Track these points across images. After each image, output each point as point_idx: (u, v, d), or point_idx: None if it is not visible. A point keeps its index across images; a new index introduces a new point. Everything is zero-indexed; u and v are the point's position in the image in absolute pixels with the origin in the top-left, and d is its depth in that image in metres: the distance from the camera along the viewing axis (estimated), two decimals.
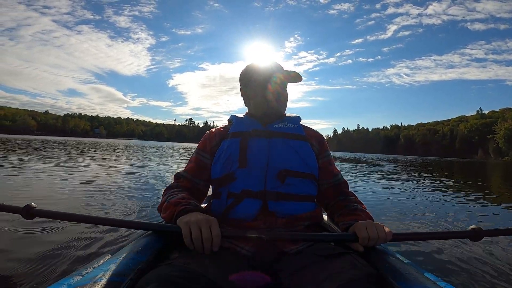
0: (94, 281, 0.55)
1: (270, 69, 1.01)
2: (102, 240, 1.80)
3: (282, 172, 0.91)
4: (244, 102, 1.11)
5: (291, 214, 0.89)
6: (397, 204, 3.75)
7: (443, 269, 1.66)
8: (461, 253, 1.88)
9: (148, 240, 0.77)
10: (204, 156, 1.00)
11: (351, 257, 0.70)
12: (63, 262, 1.48)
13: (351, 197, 1.01)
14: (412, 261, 0.80)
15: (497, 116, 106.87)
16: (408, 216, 3.05)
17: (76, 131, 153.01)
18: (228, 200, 0.90)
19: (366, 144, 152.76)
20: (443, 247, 1.96)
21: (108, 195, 3.32)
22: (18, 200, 2.88)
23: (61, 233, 1.88)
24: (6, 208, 0.93)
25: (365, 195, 4.37)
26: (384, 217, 2.94)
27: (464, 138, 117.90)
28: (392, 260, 0.73)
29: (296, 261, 0.77)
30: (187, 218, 0.73)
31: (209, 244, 0.70)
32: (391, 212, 3.20)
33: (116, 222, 0.84)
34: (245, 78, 1.06)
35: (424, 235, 0.95)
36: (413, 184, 6.29)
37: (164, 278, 0.56)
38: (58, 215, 0.86)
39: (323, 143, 1.06)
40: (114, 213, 2.60)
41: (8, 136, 43.00)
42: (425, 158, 50.16)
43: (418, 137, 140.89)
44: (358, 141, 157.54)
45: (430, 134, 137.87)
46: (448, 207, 3.69)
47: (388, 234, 0.79)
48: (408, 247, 1.94)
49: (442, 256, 1.84)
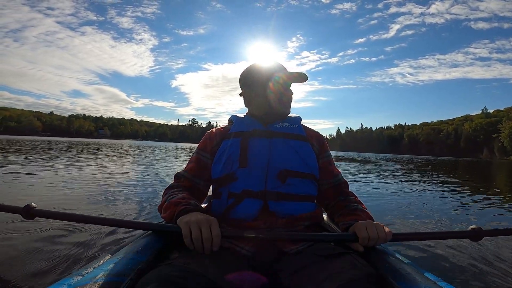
0: (94, 281, 0.55)
1: (272, 69, 1.01)
2: (102, 240, 1.81)
3: (282, 172, 0.90)
4: (244, 102, 1.10)
5: (291, 214, 0.89)
6: (398, 204, 3.74)
7: (443, 269, 1.66)
8: (461, 253, 1.88)
9: (148, 240, 0.77)
10: (205, 156, 1.00)
11: (351, 257, 0.70)
12: (63, 262, 1.48)
13: (351, 197, 1.01)
14: (412, 261, 0.79)
15: (502, 115, 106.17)
16: (410, 216, 3.05)
17: (81, 131, 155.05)
18: (229, 200, 0.90)
19: (370, 143, 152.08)
20: (443, 247, 1.96)
21: (110, 195, 3.34)
22: (25, 201, 2.90)
23: (61, 233, 1.89)
24: (6, 208, 0.93)
25: (368, 195, 4.36)
26: (385, 217, 2.94)
27: (469, 137, 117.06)
28: (392, 260, 0.73)
29: (296, 261, 0.77)
30: (187, 218, 0.73)
31: (209, 244, 0.70)
32: (392, 212, 3.20)
33: (116, 222, 0.84)
34: (247, 79, 1.06)
35: (424, 235, 0.99)
36: (416, 183, 6.26)
37: (164, 278, 0.56)
38: (58, 215, 0.85)
39: (323, 144, 1.06)
40: (115, 213, 2.61)
41: (16, 137, 43.46)
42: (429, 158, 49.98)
43: (422, 136, 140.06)
44: (361, 141, 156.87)
45: (435, 134, 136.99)
46: (452, 207, 3.68)
47: (388, 234, 0.79)
48: (408, 247, 1.94)
49: (442, 256, 1.84)
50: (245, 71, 1.07)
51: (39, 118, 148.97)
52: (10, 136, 55.27)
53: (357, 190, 4.82)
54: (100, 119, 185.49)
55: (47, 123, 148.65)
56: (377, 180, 6.70)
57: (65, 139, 54.92)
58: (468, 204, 3.92)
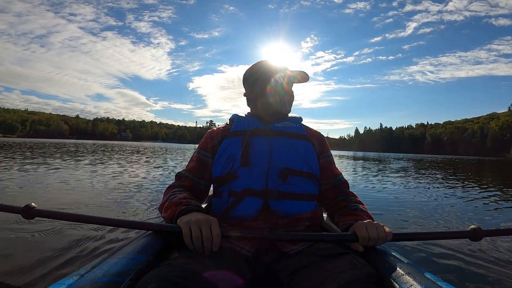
0: (94, 281, 0.55)
1: (274, 69, 1.01)
2: (102, 240, 1.81)
3: (284, 171, 0.90)
4: (247, 102, 1.11)
5: (292, 213, 0.89)
6: (410, 204, 3.73)
7: (443, 269, 1.66)
8: (461, 253, 1.88)
9: (148, 240, 0.77)
10: (206, 154, 1.00)
11: (351, 257, 0.70)
12: (63, 262, 1.48)
13: (351, 197, 1.01)
14: (412, 261, 0.80)
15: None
16: (415, 216, 3.05)
17: (105, 134, 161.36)
18: (229, 199, 0.90)
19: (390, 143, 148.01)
20: (443, 247, 1.96)
21: (124, 197, 3.38)
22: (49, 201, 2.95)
23: (61, 233, 1.89)
24: (6, 208, 0.93)
25: (384, 196, 4.33)
26: (389, 217, 2.95)
27: (496, 136, 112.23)
28: (392, 260, 0.73)
29: (296, 262, 0.77)
30: (187, 218, 0.74)
31: (209, 244, 0.70)
32: (400, 212, 3.21)
33: (116, 222, 0.84)
34: (249, 78, 1.06)
35: (424, 235, 0.97)
36: (438, 183, 6.20)
37: (164, 278, 0.56)
38: (58, 215, 0.85)
39: (324, 143, 1.06)
40: (116, 213, 2.62)
41: (48, 140, 44.47)
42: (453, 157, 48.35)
43: (446, 135, 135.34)
44: (381, 141, 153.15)
45: (459, 133, 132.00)
46: (465, 205, 3.67)
47: (388, 234, 0.79)
48: (408, 247, 1.95)
49: (442, 256, 1.84)
50: (248, 70, 1.08)
51: (66, 122, 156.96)
52: (41, 139, 56.85)
53: (374, 190, 4.82)
54: (122, 122, 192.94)
55: (73, 126, 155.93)
56: (399, 180, 6.62)
57: (90, 141, 56.52)
58: (488, 204, 3.87)
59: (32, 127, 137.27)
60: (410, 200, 4.00)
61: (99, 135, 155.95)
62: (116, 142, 69.83)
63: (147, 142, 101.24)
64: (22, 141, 29.40)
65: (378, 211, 3.18)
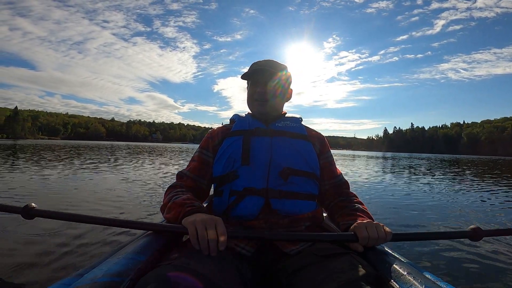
0: (94, 281, 0.54)
1: (259, 68, 1.00)
2: (102, 240, 1.80)
3: (285, 170, 0.91)
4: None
5: (293, 212, 0.89)
6: (407, 204, 3.78)
7: (443, 269, 1.66)
8: (461, 253, 1.88)
9: (148, 240, 0.77)
10: (207, 154, 1.00)
11: (351, 257, 0.70)
12: (63, 262, 1.48)
13: (352, 197, 1.01)
14: (412, 261, 0.80)
15: None
16: (424, 218, 3.09)
17: (138, 136, 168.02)
18: (230, 198, 0.89)
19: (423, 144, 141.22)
20: (443, 247, 1.97)
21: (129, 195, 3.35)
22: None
23: (61, 233, 1.88)
24: (5, 208, 0.92)
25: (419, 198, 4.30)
26: (389, 217, 2.97)
27: None
28: (392, 260, 0.73)
29: (296, 262, 0.77)
30: (192, 218, 0.73)
31: (215, 244, 0.69)
32: (404, 213, 3.26)
33: (118, 223, 0.83)
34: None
35: (423, 235, 1.00)
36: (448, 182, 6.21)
37: (164, 278, 0.56)
38: (58, 215, 0.85)
39: (325, 144, 1.06)
40: (120, 214, 2.59)
41: (88, 142, 45.54)
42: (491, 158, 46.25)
43: (484, 135, 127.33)
44: (412, 141, 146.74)
45: (498, 132, 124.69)
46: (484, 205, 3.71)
47: (388, 234, 0.79)
48: (408, 247, 1.95)
49: (442, 256, 1.84)
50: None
51: (102, 124, 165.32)
52: (82, 141, 58.53)
53: (409, 192, 4.80)
54: (152, 124, 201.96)
55: (109, 128, 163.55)
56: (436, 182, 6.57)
57: (124, 143, 58.20)
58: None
59: (73, 130, 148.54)
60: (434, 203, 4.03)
61: (132, 137, 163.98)
62: (148, 144, 70.83)
63: (176, 144, 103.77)
64: (66, 143, 30.67)
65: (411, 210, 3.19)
